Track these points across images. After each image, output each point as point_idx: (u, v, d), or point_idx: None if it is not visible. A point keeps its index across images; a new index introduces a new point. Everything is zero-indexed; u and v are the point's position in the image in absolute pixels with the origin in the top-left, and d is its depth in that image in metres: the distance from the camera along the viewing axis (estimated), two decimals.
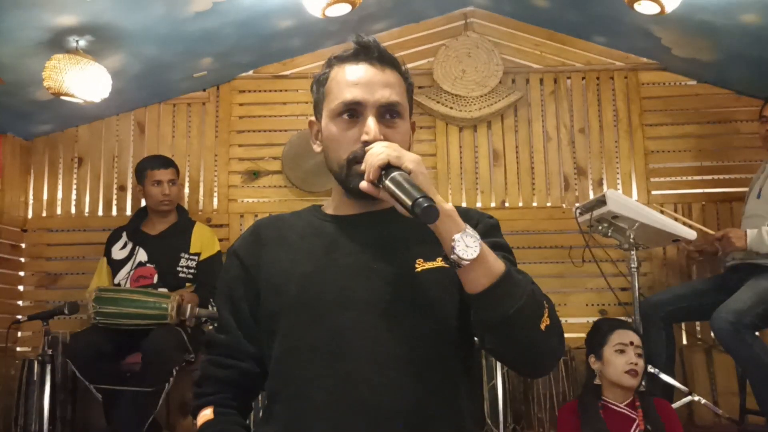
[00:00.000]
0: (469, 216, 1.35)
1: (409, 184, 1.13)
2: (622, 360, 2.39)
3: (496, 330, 1.19)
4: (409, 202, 1.10)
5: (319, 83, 1.40)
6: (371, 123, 1.29)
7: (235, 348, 1.36)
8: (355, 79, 1.33)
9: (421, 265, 1.28)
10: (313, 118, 1.44)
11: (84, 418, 3.59)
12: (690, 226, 3.27)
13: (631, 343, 2.43)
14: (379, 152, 1.19)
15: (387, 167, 1.17)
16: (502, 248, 1.31)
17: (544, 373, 1.36)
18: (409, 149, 1.34)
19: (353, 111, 1.32)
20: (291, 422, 1.25)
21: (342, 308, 1.26)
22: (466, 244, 1.12)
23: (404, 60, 1.44)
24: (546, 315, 1.19)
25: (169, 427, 3.66)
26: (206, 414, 1.32)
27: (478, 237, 1.14)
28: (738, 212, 3.68)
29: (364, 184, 1.20)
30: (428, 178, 1.17)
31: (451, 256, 1.13)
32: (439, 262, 1.27)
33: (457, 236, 1.12)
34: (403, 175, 1.15)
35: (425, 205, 1.08)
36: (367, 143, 1.28)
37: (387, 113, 1.32)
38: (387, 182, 1.15)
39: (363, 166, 1.21)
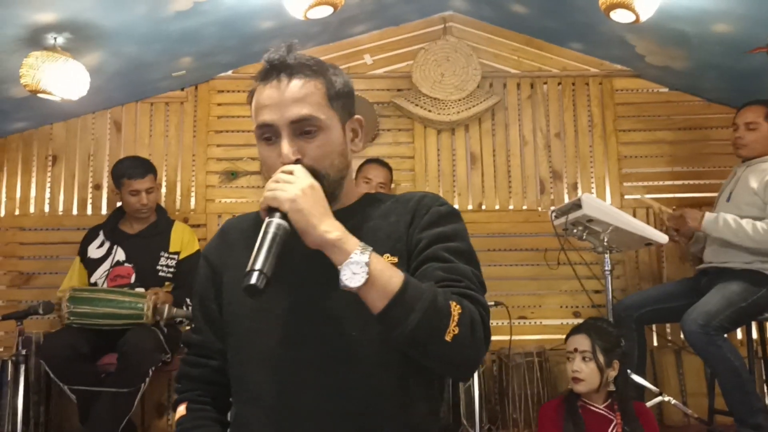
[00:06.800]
0: (422, 204, 1.34)
1: (261, 245, 1.13)
2: (569, 368, 2.45)
3: (404, 346, 1.19)
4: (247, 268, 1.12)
5: (250, 103, 1.38)
6: (284, 146, 1.27)
7: (206, 347, 1.41)
8: (265, 101, 1.30)
9: None
10: None
11: (58, 419, 3.55)
12: (645, 202, 3.37)
13: (575, 350, 2.44)
14: (267, 189, 1.19)
15: (270, 209, 1.18)
16: (446, 238, 1.30)
17: (466, 378, 1.36)
18: (344, 153, 1.34)
19: (269, 133, 1.30)
20: (243, 426, 1.30)
21: (294, 317, 1.28)
22: (353, 272, 1.13)
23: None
24: (454, 325, 1.16)
25: (144, 428, 3.64)
26: (180, 410, 1.38)
27: (366, 262, 1.13)
28: None
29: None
30: (306, 214, 1.16)
31: (341, 285, 1.14)
32: (386, 259, 1.26)
33: (342, 266, 1.14)
34: (272, 225, 1.15)
35: (246, 283, 1.10)
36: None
37: (301, 129, 1.28)
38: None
39: None
